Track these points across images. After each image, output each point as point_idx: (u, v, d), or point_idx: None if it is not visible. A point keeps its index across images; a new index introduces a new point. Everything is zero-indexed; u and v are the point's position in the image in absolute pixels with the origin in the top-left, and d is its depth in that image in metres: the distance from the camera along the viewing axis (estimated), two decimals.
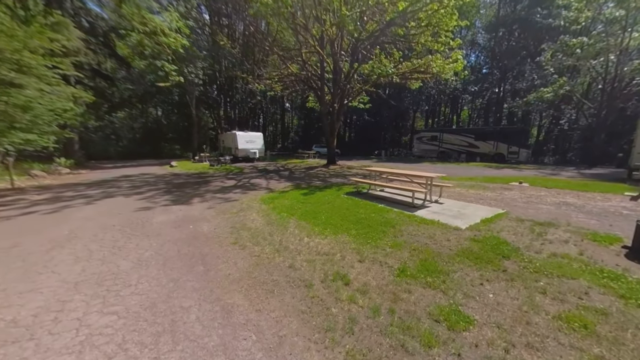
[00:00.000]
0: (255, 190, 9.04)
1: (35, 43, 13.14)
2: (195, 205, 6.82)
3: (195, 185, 10.21)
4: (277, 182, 10.87)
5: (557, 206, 6.21)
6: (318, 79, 16.37)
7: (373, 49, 17.33)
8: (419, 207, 5.84)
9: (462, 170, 15.82)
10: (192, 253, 3.69)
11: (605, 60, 19.93)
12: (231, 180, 11.75)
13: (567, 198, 7.15)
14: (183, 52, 20.19)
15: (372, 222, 4.83)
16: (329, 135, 17.06)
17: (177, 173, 14.94)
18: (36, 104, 12.88)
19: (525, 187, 8.79)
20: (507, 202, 6.56)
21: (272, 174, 13.75)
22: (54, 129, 15.89)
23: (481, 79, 33.47)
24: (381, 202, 6.30)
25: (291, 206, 6.32)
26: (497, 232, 4.27)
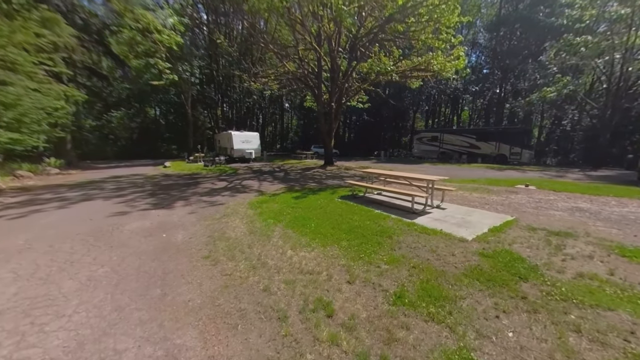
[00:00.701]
0: (246, 193, 8.51)
1: (20, 38, 12.60)
2: (177, 210, 6.28)
3: (183, 187, 9.67)
4: (270, 184, 10.34)
5: (570, 212, 5.68)
6: (315, 78, 15.85)
7: (372, 46, 16.83)
8: (419, 213, 5.31)
9: (464, 171, 15.30)
10: (153, 270, 3.15)
11: (610, 59, 19.43)
12: (222, 181, 11.22)
13: (579, 203, 6.61)
14: (178, 50, 19.71)
15: (366, 231, 4.29)
16: (325, 135, 16.53)
17: (168, 174, 14.41)
18: (23, 102, 12.36)
19: (533, 191, 8.26)
20: (515, 208, 6.03)
21: (267, 175, 13.22)
22: (44, 128, 15.39)
23: (482, 78, 32.98)
24: (378, 207, 5.77)
25: (280, 211, 5.79)
26: (508, 244, 3.74)
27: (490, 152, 22.10)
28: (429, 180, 5.33)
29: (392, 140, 41.51)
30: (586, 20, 20.53)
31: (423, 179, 5.43)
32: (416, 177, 5.57)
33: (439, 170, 15.76)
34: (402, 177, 5.85)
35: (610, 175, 14.11)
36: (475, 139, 22.93)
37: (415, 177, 5.58)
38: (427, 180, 5.34)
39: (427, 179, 5.35)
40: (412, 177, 5.61)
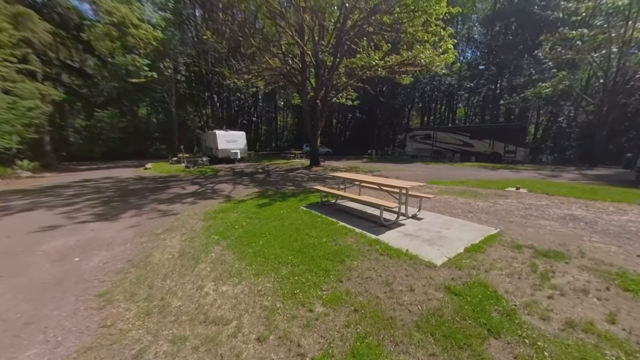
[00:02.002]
0: (211, 199, 7.76)
1: None
2: (120, 222, 5.53)
3: (147, 193, 8.90)
4: (243, 188, 9.60)
5: (563, 222, 4.99)
6: (299, 74, 15.06)
7: (360, 41, 16.06)
8: (389, 226, 4.60)
9: (455, 171, 14.61)
10: (15, 318, 2.41)
11: (607, 53, 18.76)
12: (194, 185, 10.46)
13: (573, 209, 5.93)
14: (157, 46, 18.81)
15: (319, 251, 3.57)
16: (311, 134, 15.77)
17: (143, 176, 13.63)
18: None
19: (523, 194, 7.57)
20: (502, 216, 5.33)
21: (246, 178, 12.47)
22: (17, 128, 14.52)
23: (477, 74, 32.26)
24: (345, 218, 5.05)
25: (234, 224, 5.06)
26: (485, 270, 3.03)
27: (484, 150, 21.44)
28: (401, 187, 4.61)
29: (386, 139, 40.82)
30: (582, 13, 19.87)
31: (395, 186, 4.70)
32: (388, 184, 4.85)
33: (429, 170, 15.07)
34: (374, 183, 5.13)
35: (608, 174, 13.48)
36: (468, 137, 22.26)
37: (387, 184, 4.86)
38: (399, 187, 4.62)
39: (400, 186, 4.63)
40: (384, 184, 4.89)
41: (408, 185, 4.61)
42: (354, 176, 5.89)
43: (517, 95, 25.30)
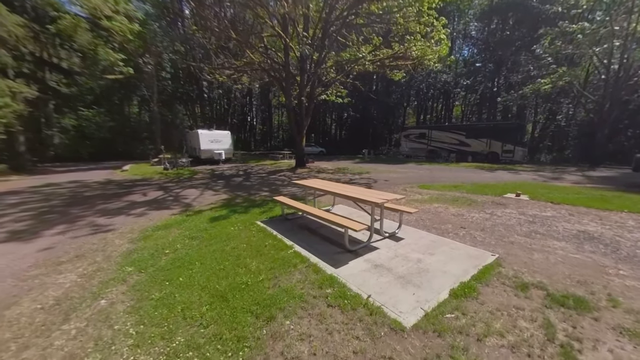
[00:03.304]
0: (167, 209, 6.71)
1: None
2: (34, 243, 4.48)
3: (100, 201, 7.84)
4: (211, 194, 8.56)
5: (577, 242, 4.01)
6: (282, 68, 14.00)
7: (349, 34, 15.04)
8: (356, 251, 3.59)
9: (450, 172, 13.65)
10: None
11: (609, 47, 17.86)
12: (160, 191, 9.40)
13: (585, 223, 4.96)
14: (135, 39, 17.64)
15: (247, 298, 2.56)
16: (296, 133, 14.73)
17: (113, 180, 12.53)
18: None
19: (525, 202, 6.60)
20: (501, 235, 4.33)
21: (221, 181, 11.42)
22: None
23: (474, 71, 31.31)
24: (305, 240, 4.04)
25: (167, 246, 4.04)
26: (477, 339, 2.02)
27: (481, 149, 20.51)
28: (374, 202, 3.58)
29: (381, 138, 39.84)
30: (583, 6, 18.96)
31: (367, 200, 3.68)
32: (358, 198, 3.82)
33: (422, 171, 14.09)
34: (340, 194, 4.11)
35: (613, 176, 12.57)
36: (465, 136, 21.31)
37: (357, 198, 3.83)
38: (372, 202, 3.59)
39: (373, 201, 3.61)
40: (355, 197, 3.86)
41: (378, 201, 3.59)
42: (320, 184, 4.86)
43: (514, 92, 24.42)
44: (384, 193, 4.15)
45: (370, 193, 4.09)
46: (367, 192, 4.23)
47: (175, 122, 36.13)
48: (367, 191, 4.28)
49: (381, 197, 3.80)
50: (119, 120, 32.01)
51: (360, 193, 4.10)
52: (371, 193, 4.10)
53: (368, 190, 4.41)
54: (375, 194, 4.07)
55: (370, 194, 4.00)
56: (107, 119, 31.17)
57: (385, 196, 3.86)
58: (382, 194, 4.01)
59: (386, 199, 3.66)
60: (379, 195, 3.93)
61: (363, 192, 4.22)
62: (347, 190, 4.34)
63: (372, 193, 4.10)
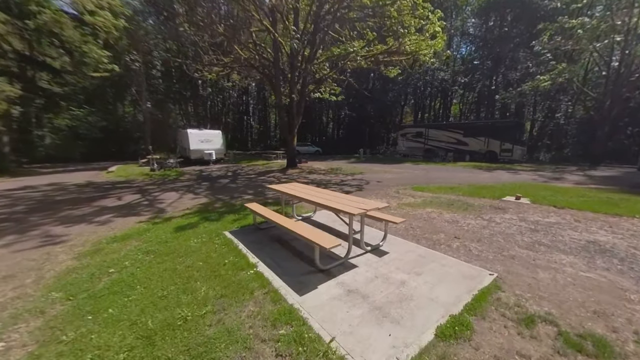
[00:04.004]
0: (136, 215, 6.14)
1: None
2: None
3: (68, 206, 7.25)
4: (190, 198, 7.99)
5: (588, 256, 3.48)
6: (272, 65, 13.42)
7: (342, 29, 14.47)
8: (329, 271, 3.04)
9: (446, 173, 13.14)
10: None
11: (610, 43, 17.39)
12: (137, 194, 8.82)
13: (594, 231, 4.43)
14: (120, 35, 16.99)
15: (181, 337, 2.02)
16: (287, 132, 14.16)
17: (94, 182, 11.94)
18: None
19: (525, 206, 6.07)
20: (500, 246, 3.80)
21: (206, 183, 10.84)
22: None
23: (471, 69, 30.79)
24: (273, 255, 3.49)
25: (115, 263, 3.49)
26: None
27: (478, 148, 20.02)
28: (352, 214, 3.03)
29: (378, 137, 39.30)
30: (583, 0, 18.46)
31: (344, 212, 3.12)
32: (335, 208, 3.26)
33: (418, 171, 13.56)
34: (315, 203, 3.56)
35: (616, 176, 12.09)
36: (462, 135, 20.80)
37: (334, 207, 3.28)
38: (351, 213, 3.04)
39: (351, 212, 3.06)
40: (331, 206, 3.30)
41: (355, 211, 3.04)
42: (295, 190, 4.30)
43: (513, 90, 23.93)
44: (365, 201, 3.60)
45: (349, 201, 3.54)
46: (347, 199, 3.67)
47: (168, 122, 35.48)
48: (347, 198, 3.73)
49: (361, 205, 3.25)
50: (111, 120, 31.30)
51: (338, 201, 3.55)
52: (351, 201, 3.55)
53: (348, 197, 3.86)
54: (355, 201, 3.52)
55: (350, 202, 3.45)
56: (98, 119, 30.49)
57: (365, 205, 3.31)
58: (364, 202, 3.46)
59: (365, 208, 3.11)
60: (359, 203, 3.38)
61: (342, 199, 3.66)
62: (324, 197, 3.79)
63: (352, 201, 3.54)
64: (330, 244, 2.74)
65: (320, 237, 2.94)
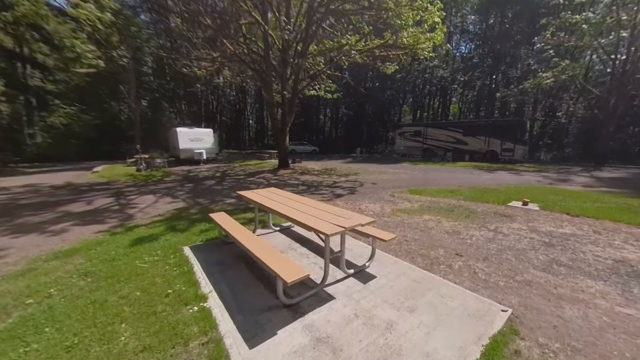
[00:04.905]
0: (98, 223, 5.46)
1: None
2: None
3: (29, 211, 6.56)
4: (167, 202, 7.31)
5: (620, 283, 2.83)
6: (262, 60, 12.72)
7: (337, 23, 13.79)
8: (298, 304, 2.38)
9: (445, 173, 12.50)
10: None
11: (616, 38, 16.76)
12: (112, 197, 8.13)
13: (619, 246, 3.79)
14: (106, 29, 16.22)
15: None
16: (278, 131, 13.48)
17: (73, 183, 11.24)
18: None
19: (535, 214, 5.43)
20: (511, 268, 3.15)
21: (189, 185, 10.17)
22: None
23: (471, 67, 30.13)
24: (234, 280, 2.84)
25: (39, 289, 2.83)
26: None
27: (479, 148, 19.39)
28: (326, 234, 2.35)
29: (376, 136, 38.64)
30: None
31: (315, 229, 2.46)
32: (308, 225, 2.60)
33: (415, 172, 12.91)
34: (287, 217, 2.89)
35: (625, 177, 11.48)
36: (462, 134, 20.16)
37: (306, 225, 2.61)
38: (325, 233, 2.36)
39: (325, 233, 2.38)
40: (304, 223, 2.63)
41: (329, 231, 2.38)
42: (265, 199, 3.63)
43: (514, 87, 23.31)
44: (348, 213, 2.94)
45: (328, 214, 2.87)
46: (327, 211, 3.01)
47: (162, 120, 34.77)
48: (327, 210, 3.06)
49: (340, 221, 2.59)
50: (105, 118, 30.47)
51: (314, 213, 2.88)
52: (330, 213, 2.88)
53: (329, 208, 3.19)
54: (335, 214, 2.85)
55: (328, 216, 2.79)
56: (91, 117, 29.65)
57: (346, 219, 2.64)
58: (345, 215, 2.80)
59: (344, 226, 2.45)
60: (339, 218, 2.71)
61: (320, 211, 2.99)
62: (299, 208, 3.12)
63: (332, 213, 2.88)
64: (293, 275, 2.07)
65: (282, 265, 2.27)
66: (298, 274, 2.10)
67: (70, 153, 25.42)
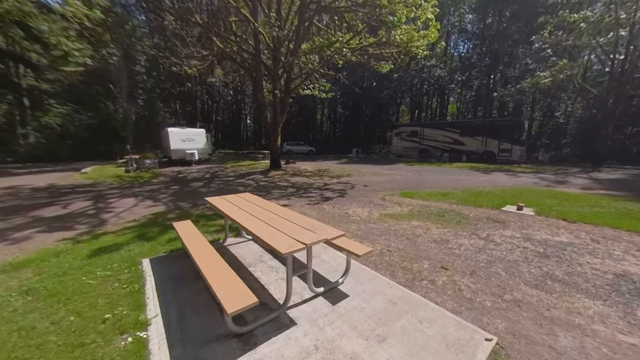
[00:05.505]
0: (66, 230, 5.13)
1: None
2: None
3: None
4: (146, 206, 6.98)
5: (622, 303, 2.52)
6: (252, 58, 12.39)
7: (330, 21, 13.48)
8: (252, 332, 2.07)
9: (440, 175, 12.20)
10: None
11: (614, 37, 16.50)
12: (91, 200, 7.79)
13: (620, 257, 3.48)
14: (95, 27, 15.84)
15: None
16: (270, 131, 13.16)
17: (56, 185, 10.88)
18: None
19: (529, 219, 5.12)
20: (500, 284, 2.84)
21: (175, 187, 9.84)
22: None
23: (469, 66, 29.87)
24: (188, 301, 2.52)
25: None
26: None
27: (475, 148, 19.11)
28: (282, 252, 2.04)
29: (373, 136, 38.35)
30: None
31: (272, 247, 2.14)
32: (264, 241, 2.28)
33: (410, 174, 12.61)
34: (247, 230, 2.58)
35: (624, 179, 11.20)
36: (458, 134, 19.88)
37: (264, 241, 2.29)
38: (281, 252, 2.05)
39: (282, 252, 2.07)
40: (263, 240, 2.32)
41: (284, 249, 2.06)
42: (228, 205, 3.31)
43: (512, 87, 23.05)
44: (316, 225, 2.62)
45: (294, 225, 2.55)
46: (293, 222, 2.68)
47: (157, 120, 34.38)
48: (293, 220, 2.74)
49: (302, 237, 2.27)
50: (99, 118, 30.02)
51: (277, 225, 2.56)
52: (296, 225, 2.56)
53: (297, 218, 2.87)
54: (302, 226, 2.53)
55: (291, 229, 2.47)
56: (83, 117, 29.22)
57: (310, 234, 2.32)
58: (312, 228, 2.48)
59: (304, 242, 2.13)
60: (302, 232, 2.39)
61: (284, 223, 2.67)
62: (263, 218, 2.80)
63: (298, 225, 2.56)
64: (238, 303, 1.75)
65: (230, 288, 1.94)
66: (244, 302, 1.78)
67: (63, 153, 25.03)
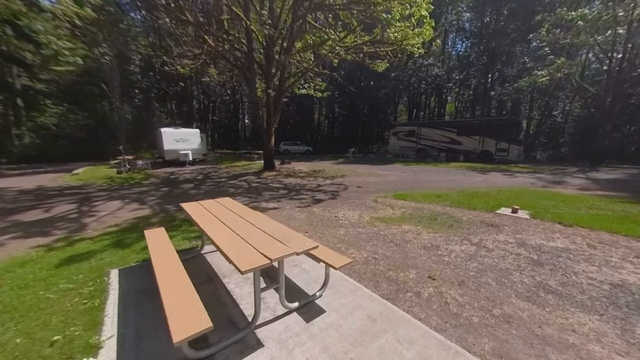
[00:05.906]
0: (42, 236, 4.92)
1: None
2: None
3: None
4: (131, 209, 6.77)
5: (620, 319, 2.34)
6: (245, 57, 12.17)
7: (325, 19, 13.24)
8: (215, 355, 1.87)
9: (437, 175, 12.02)
10: None
11: (612, 35, 16.34)
12: (76, 203, 7.57)
13: (617, 264, 3.30)
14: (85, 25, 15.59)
15: None
16: (263, 131, 12.94)
17: (45, 187, 10.65)
18: None
19: (524, 223, 4.94)
20: (490, 296, 2.65)
21: (165, 189, 9.62)
22: None
23: (467, 65, 29.70)
24: (154, 315, 2.32)
25: None
26: None
27: (473, 148, 18.95)
28: (240, 270, 1.84)
29: (371, 135, 38.17)
30: None
31: (236, 268, 1.94)
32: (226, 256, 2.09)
33: (406, 174, 12.43)
34: (213, 242, 2.39)
35: (622, 179, 11.04)
36: (456, 133, 19.71)
37: (229, 259, 2.10)
38: (238, 269, 1.85)
39: (240, 268, 1.87)
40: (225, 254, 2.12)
41: (244, 266, 1.86)
42: (200, 212, 3.11)
43: (510, 86, 22.90)
44: (288, 234, 2.42)
45: (264, 235, 2.35)
46: (265, 231, 2.48)
47: (152, 120, 34.09)
48: (265, 231, 2.54)
49: (268, 250, 2.07)
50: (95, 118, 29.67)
51: (246, 236, 2.36)
52: (266, 236, 2.36)
53: (270, 228, 2.67)
54: (271, 238, 2.33)
55: (261, 239, 2.27)
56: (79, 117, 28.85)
57: (277, 248, 2.12)
58: (284, 239, 2.28)
59: (269, 257, 1.93)
60: (271, 245, 2.19)
61: (258, 231, 2.47)
62: (234, 227, 2.60)
63: (268, 236, 2.36)
64: (188, 329, 1.55)
65: (184, 309, 1.75)
66: (195, 327, 1.58)
67: (59, 154, 24.74)
